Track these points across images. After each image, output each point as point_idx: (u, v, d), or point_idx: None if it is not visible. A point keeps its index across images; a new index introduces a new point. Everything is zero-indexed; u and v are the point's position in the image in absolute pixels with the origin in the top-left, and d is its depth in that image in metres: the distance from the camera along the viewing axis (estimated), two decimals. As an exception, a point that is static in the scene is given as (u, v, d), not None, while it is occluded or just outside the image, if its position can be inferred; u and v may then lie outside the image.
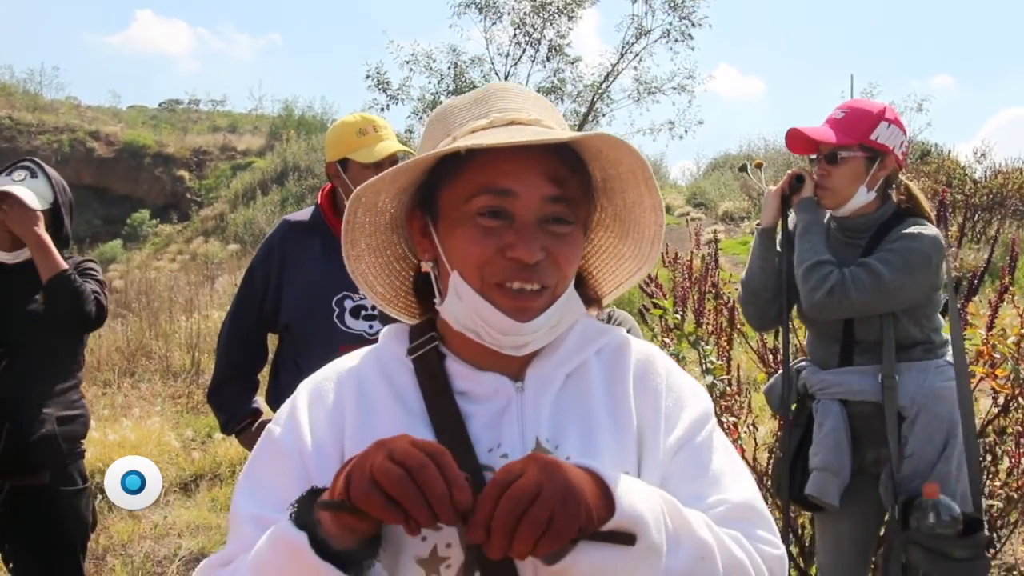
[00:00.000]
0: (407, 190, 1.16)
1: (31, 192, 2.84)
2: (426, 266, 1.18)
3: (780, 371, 2.93)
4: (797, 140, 2.73)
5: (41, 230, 2.83)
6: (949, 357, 2.67)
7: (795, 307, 2.86)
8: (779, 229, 2.89)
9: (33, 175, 2.91)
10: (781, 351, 2.89)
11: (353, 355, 1.24)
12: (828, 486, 2.61)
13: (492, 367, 1.16)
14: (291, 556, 0.97)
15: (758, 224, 2.93)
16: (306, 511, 0.99)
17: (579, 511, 0.92)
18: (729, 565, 1.04)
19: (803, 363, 2.89)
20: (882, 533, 2.86)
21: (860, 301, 2.55)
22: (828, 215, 2.81)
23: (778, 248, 2.87)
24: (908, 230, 2.61)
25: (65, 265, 2.84)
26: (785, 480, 2.79)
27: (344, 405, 1.15)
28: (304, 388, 1.20)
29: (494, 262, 1.08)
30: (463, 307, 1.11)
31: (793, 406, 2.90)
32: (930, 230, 2.62)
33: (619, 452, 1.12)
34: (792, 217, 2.83)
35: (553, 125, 1.15)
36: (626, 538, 0.95)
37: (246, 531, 1.08)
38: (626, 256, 1.26)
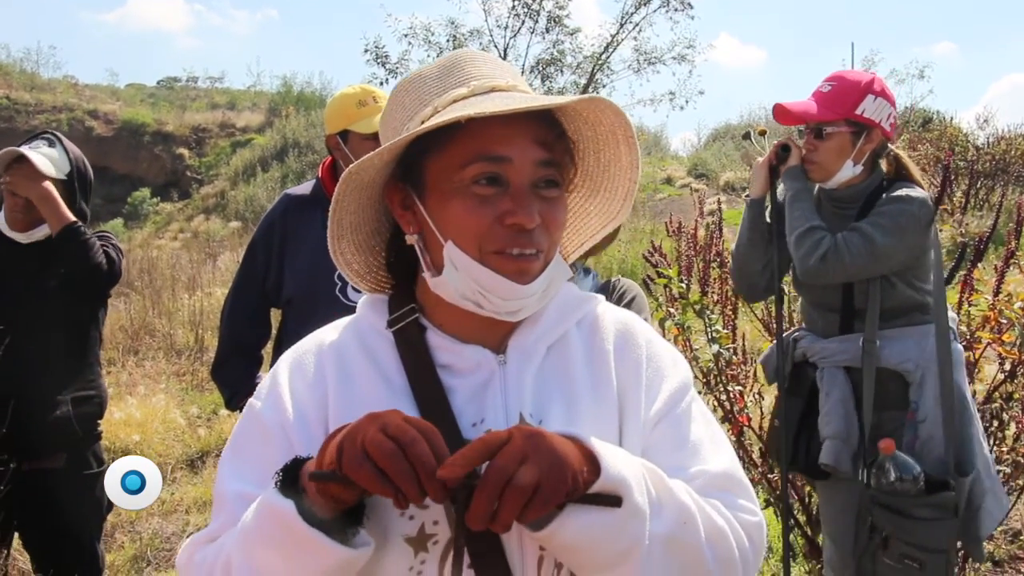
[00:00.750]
0: (388, 165, 1.14)
1: (45, 159, 2.81)
2: (411, 239, 1.15)
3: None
4: (782, 114, 2.73)
5: (50, 185, 2.79)
6: (950, 322, 2.68)
7: (787, 277, 2.86)
8: (768, 200, 2.90)
9: (51, 145, 2.89)
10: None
11: (331, 327, 1.23)
12: (841, 455, 2.62)
13: (474, 339, 1.15)
14: (279, 525, 0.97)
15: (747, 195, 2.94)
16: (291, 480, 0.99)
17: (566, 475, 0.92)
18: (710, 530, 1.06)
19: (799, 332, 2.90)
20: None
21: (854, 265, 2.57)
22: (817, 186, 2.82)
23: (767, 219, 2.88)
24: (896, 193, 2.63)
25: (74, 217, 2.81)
26: (784, 450, 2.79)
27: (325, 376, 1.14)
28: (284, 361, 1.19)
29: (493, 230, 1.07)
30: (461, 276, 1.09)
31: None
32: (918, 192, 2.63)
33: (601, 423, 1.12)
34: (781, 188, 2.83)
35: (528, 90, 1.15)
36: (612, 500, 0.96)
37: (231, 508, 1.08)
38: (592, 214, 1.25)
